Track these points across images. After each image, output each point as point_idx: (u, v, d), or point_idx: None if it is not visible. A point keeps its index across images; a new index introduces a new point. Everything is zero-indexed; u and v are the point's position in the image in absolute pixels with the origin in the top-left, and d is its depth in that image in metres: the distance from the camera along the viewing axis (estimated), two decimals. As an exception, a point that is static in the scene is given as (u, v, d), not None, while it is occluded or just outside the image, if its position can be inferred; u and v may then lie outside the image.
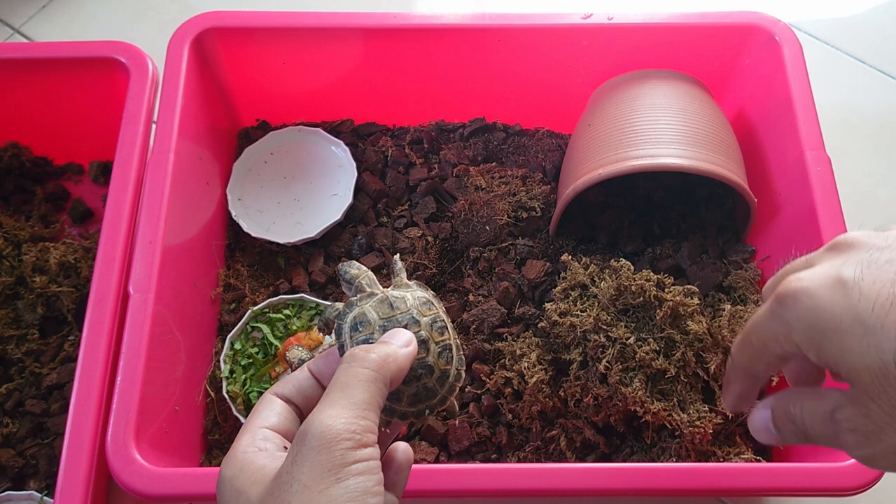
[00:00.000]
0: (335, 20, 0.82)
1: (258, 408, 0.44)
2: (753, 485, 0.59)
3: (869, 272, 0.36)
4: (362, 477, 0.37)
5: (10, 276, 0.79)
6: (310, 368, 0.46)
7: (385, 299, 0.47)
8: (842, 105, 1.01)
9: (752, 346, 0.41)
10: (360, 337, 0.46)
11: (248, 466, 0.40)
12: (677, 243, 0.81)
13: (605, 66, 0.85)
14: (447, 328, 0.48)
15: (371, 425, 0.39)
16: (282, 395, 0.45)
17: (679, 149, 0.73)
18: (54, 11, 1.09)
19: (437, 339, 0.47)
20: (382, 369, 0.41)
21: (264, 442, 0.41)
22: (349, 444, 0.37)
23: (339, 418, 0.38)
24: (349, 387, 0.40)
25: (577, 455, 0.71)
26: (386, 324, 0.46)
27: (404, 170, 0.89)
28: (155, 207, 0.70)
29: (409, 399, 0.46)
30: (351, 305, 0.47)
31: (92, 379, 0.63)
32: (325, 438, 0.37)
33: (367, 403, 0.39)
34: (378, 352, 0.42)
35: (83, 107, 0.85)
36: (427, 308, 0.48)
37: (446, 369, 0.47)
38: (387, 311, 0.46)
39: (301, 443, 0.37)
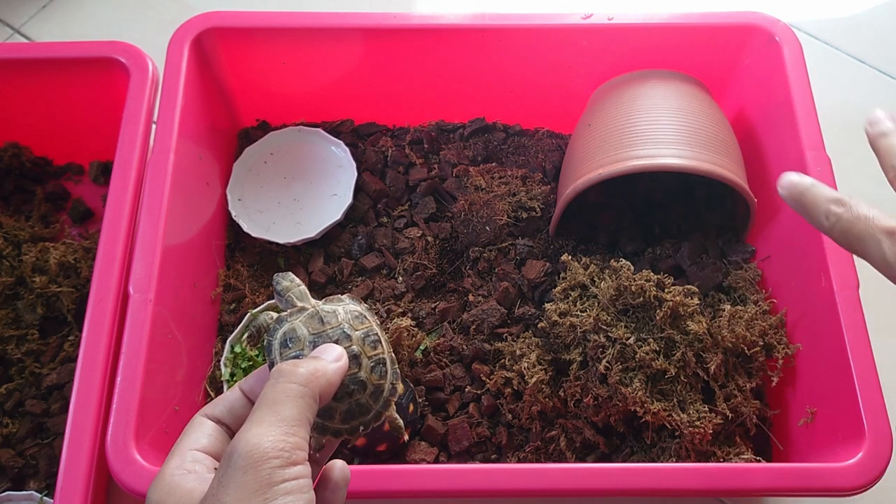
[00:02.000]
0: (335, 20, 0.82)
1: (188, 430, 0.42)
2: (753, 485, 0.59)
3: None
4: (291, 497, 0.36)
5: (10, 276, 0.79)
6: (241, 388, 0.45)
7: (315, 314, 0.46)
8: (842, 105, 1.01)
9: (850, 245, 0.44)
10: (289, 353, 0.44)
11: (175, 490, 0.38)
12: (677, 243, 0.81)
13: (605, 66, 0.85)
14: (381, 342, 0.47)
15: (300, 442, 0.38)
16: (212, 416, 0.43)
17: (679, 149, 0.73)
18: (54, 11, 1.09)
19: (369, 353, 0.46)
20: (311, 384, 0.40)
21: (193, 464, 0.40)
22: (277, 462, 0.36)
23: (266, 436, 0.37)
24: (277, 403, 0.39)
25: (577, 455, 0.71)
26: (316, 339, 0.45)
27: (404, 170, 0.89)
28: (155, 207, 0.70)
29: (341, 416, 0.45)
30: (281, 321, 0.46)
31: (92, 379, 0.63)
32: (252, 458, 0.36)
33: (295, 420, 0.38)
34: (306, 367, 0.41)
35: (83, 107, 0.85)
36: (359, 322, 0.47)
37: (380, 384, 0.46)
38: (317, 327, 0.45)
39: (227, 464, 0.36)
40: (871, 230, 0.40)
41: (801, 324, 0.72)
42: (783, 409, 0.73)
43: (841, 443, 0.63)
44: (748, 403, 0.70)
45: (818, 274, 0.69)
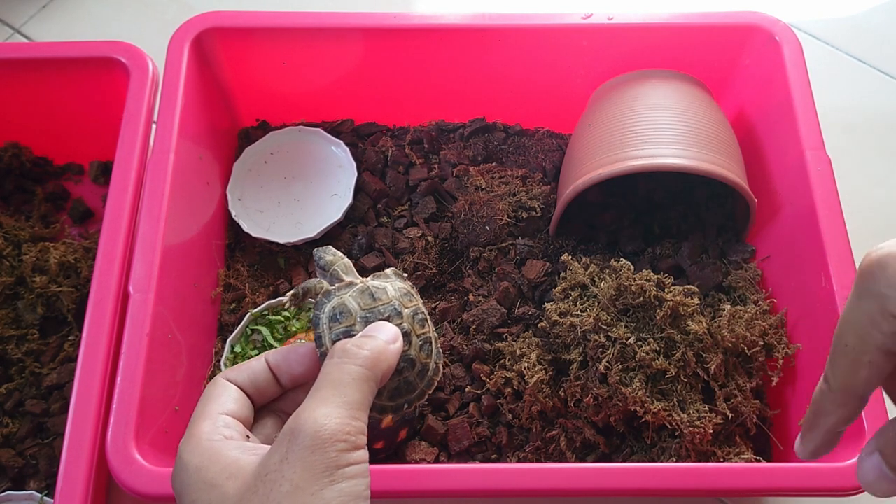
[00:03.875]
0: (335, 20, 0.82)
1: (212, 392, 0.42)
2: (753, 485, 0.59)
3: None
4: (354, 481, 0.36)
5: (10, 276, 0.79)
6: (268, 360, 0.44)
7: (366, 289, 0.45)
8: (842, 105, 1.01)
9: (847, 349, 0.34)
10: (339, 328, 0.44)
11: (218, 457, 0.37)
12: (677, 243, 0.81)
13: (605, 66, 0.85)
14: (427, 320, 0.47)
15: (363, 426, 0.38)
16: (235, 381, 0.42)
17: (679, 149, 0.73)
18: (54, 11, 1.09)
19: (418, 331, 0.45)
20: (375, 368, 0.40)
21: (227, 429, 0.39)
22: (343, 445, 0.36)
23: (332, 418, 0.36)
24: (342, 384, 0.38)
25: (577, 455, 0.71)
26: (368, 315, 0.44)
27: (404, 170, 0.89)
28: (155, 207, 0.70)
29: (389, 393, 0.44)
30: (329, 295, 0.45)
31: (92, 379, 0.63)
32: (320, 438, 0.36)
33: (359, 404, 0.38)
34: (370, 348, 0.40)
35: (83, 107, 0.85)
36: (408, 299, 0.46)
37: (427, 363, 0.46)
38: (368, 302, 0.45)
39: (293, 440, 0.36)
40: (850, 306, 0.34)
41: (801, 324, 0.72)
42: (783, 409, 0.73)
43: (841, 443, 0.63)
44: (748, 403, 0.70)
45: (818, 274, 0.69)
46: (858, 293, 0.34)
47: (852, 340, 0.34)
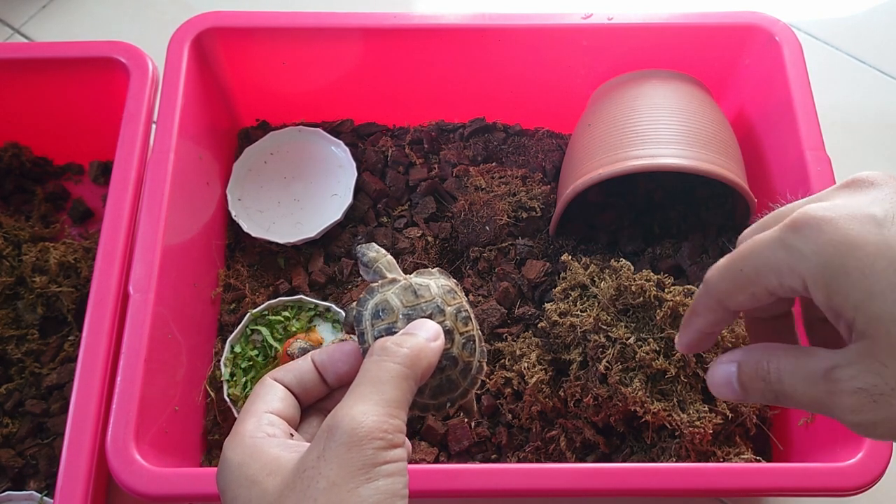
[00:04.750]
0: (335, 20, 0.82)
1: (259, 391, 0.42)
2: (753, 485, 0.59)
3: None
4: (391, 479, 0.36)
5: (10, 276, 0.79)
6: (314, 359, 0.44)
7: (409, 286, 0.45)
8: (842, 105, 1.01)
9: (740, 273, 0.35)
10: (381, 325, 0.44)
11: (260, 454, 0.38)
12: (677, 243, 0.81)
13: (605, 66, 0.85)
14: (471, 318, 0.46)
15: (401, 425, 0.37)
16: (281, 381, 0.43)
17: (679, 149, 0.73)
18: (54, 11, 1.09)
19: (461, 329, 0.45)
20: (415, 366, 0.40)
21: (271, 427, 0.40)
22: (380, 443, 0.36)
23: (370, 415, 0.36)
24: (381, 382, 0.38)
25: (577, 455, 0.71)
26: (410, 312, 0.44)
27: (404, 170, 0.89)
28: (155, 207, 0.70)
29: (431, 391, 0.44)
30: (372, 291, 0.46)
31: (92, 379, 0.63)
32: (357, 435, 0.35)
33: (398, 402, 0.38)
34: (410, 345, 0.40)
35: (83, 107, 0.85)
36: (451, 297, 0.46)
37: (469, 361, 0.45)
38: (411, 299, 0.45)
39: (330, 437, 0.36)
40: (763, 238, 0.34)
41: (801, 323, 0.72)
42: (783, 409, 0.73)
43: (841, 443, 0.63)
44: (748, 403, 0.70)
45: (818, 274, 0.69)
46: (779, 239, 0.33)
47: (749, 270, 0.35)
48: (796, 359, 0.35)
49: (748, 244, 0.35)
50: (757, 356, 0.36)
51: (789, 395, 0.35)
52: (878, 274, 0.31)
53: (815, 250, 0.32)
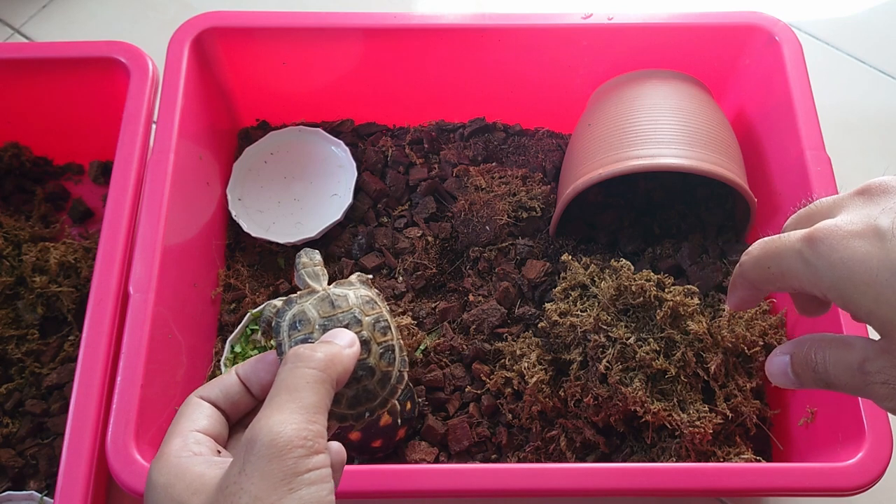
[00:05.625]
0: (335, 20, 0.82)
1: (184, 411, 0.41)
2: (753, 485, 0.59)
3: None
4: (315, 487, 0.35)
5: (10, 276, 0.79)
6: (238, 373, 0.44)
7: (326, 297, 0.46)
8: (842, 105, 1.01)
9: (767, 270, 0.39)
10: (298, 336, 0.44)
11: (184, 474, 0.37)
12: (677, 243, 0.81)
13: (605, 66, 0.85)
14: (390, 328, 0.46)
15: (321, 430, 0.37)
16: (207, 398, 0.42)
17: (679, 149, 0.73)
18: (54, 11, 1.09)
19: (379, 339, 0.45)
20: (329, 370, 0.39)
21: (197, 446, 0.39)
22: (301, 451, 0.35)
23: (289, 424, 0.36)
24: (296, 389, 0.38)
25: (577, 455, 0.71)
26: (326, 323, 0.44)
27: (404, 170, 0.89)
28: (155, 207, 0.70)
29: (348, 401, 0.44)
30: (290, 303, 0.46)
31: (92, 379, 0.63)
32: (276, 446, 0.35)
33: (316, 407, 0.38)
34: (324, 351, 0.40)
35: (83, 107, 0.85)
36: (370, 307, 0.46)
37: (388, 371, 0.45)
38: (328, 310, 0.45)
39: (249, 451, 0.35)
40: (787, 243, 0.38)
41: (801, 324, 0.72)
42: (783, 409, 0.73)
43: (841, 443, 0.63)
44: (748, 403, 0.70)
45: (818, 274, 0.69)
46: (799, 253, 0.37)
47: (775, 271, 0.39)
48: (838, 350, 0.38)
49: (776, 245, 0.39)
50: (806, 348, 0.40)
51: (835, 383, 0.38)
52: (882, 284, 0.34)
53: (828, 266, 0.36)
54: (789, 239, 0.38)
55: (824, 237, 0.36)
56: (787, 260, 0.38)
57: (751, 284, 0.42)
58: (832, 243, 0.36)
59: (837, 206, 0.39)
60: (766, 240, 0.40)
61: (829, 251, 0.36)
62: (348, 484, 0.60)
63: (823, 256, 0.36)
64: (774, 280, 0.39)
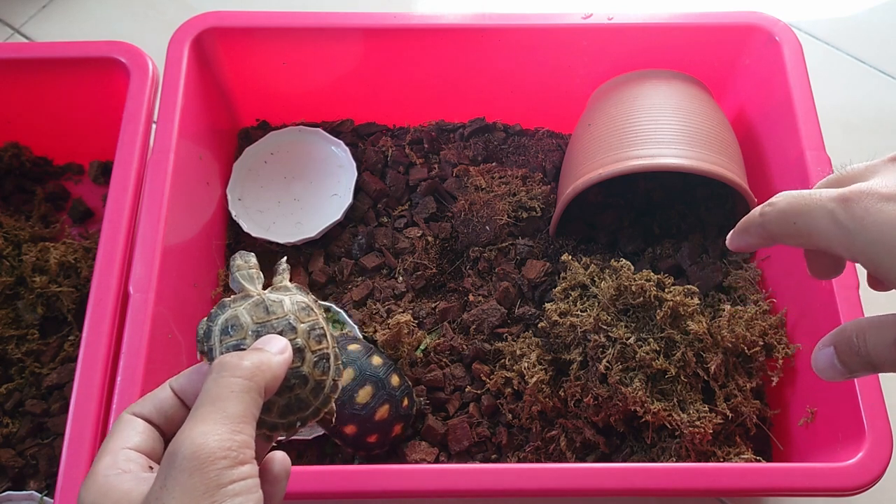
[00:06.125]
0: (335, 20, 0.82)
1: (115, 428, 0.40)
2: (753, 485, 0.59)
3: None
4: (240, 498, 0.34)
5: (10, 276, 0.79)
6: (171, 386, 0.42)
7: (261, 302, 0.44)
8: (842, 105, 1.01)
9: (793, 226, 0.38)
10: (230, 342, 0.42)
11: (111, 492, 0.36)
12: (677, 243, 0.81)
13: (605, 66, 0.85)
14: (326, 336, 0.45)
15: (248, 440, 0.36)
16: (140, 414, 0.41)
17: (679, 149, 0.73)
18: (54, 11, 1.09)
19: (314, 347, 0.44)
20: (256, 378, 0.38)
21: (127, 463, 0.38)
22: (225, 462, 0.34)
23: (212, 435, 0.35)
24: (221, 399, 0.37)
25: (577, 455, 0.71)
26: (260, 329, 0.43)
27: (404, 170, 0.89)
28: (155, 207, 0.70)
29: (279, 410, 0.43)
30: (223, 307, 0.44)
31: (92, 379, 0.63)
32: (198, 459, 0.34)
33: (241, 416, 0.36)
34: (251, 359, 0.39)
35: (83, 107, 0.85)
36: (305, 314, 0.45)
37: (322, 380, 0.44)
38: (261, 316, 0.43)
39: (170, 465, 0.34)
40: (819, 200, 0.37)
41: (801, 324, 0.72)
42: (783, 409, 0.73)
43: (841, 443, 0.63)
44: (748, 403, 0.70)
45: (818, 274, 0.69)
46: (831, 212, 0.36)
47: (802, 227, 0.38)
48: (877, 330, 0.38)
49: (805, 202, 0.38)
50: (847, 334, 0.39)
51: (878, 364, 0.38)
52: None
53: (861, 228, 0.35)
54: (820, 197, 0.37)
55: (859, 198, 0.35)
56: (817, 219, 0.37)
57: (769, 235, 0.40)
58: (867, 205, 0.35)
59: (870, 170, 0.38)
60: (794, 193, 0.39)
61: (863, 213, 0.35)
62: (349, 484, 0.60)
63: (857, 218, 0.35)
64: (798, 236, 0.38)
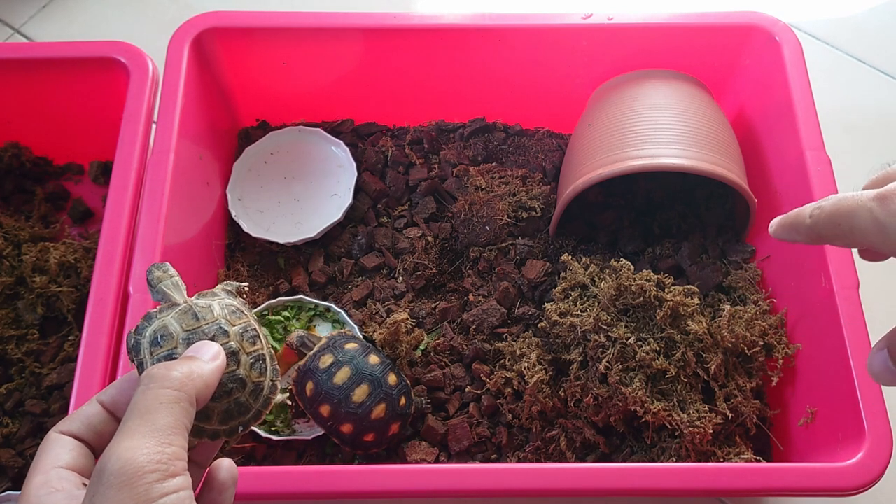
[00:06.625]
0: (335, 20, 0.82)
1: (44, 448, 0.39)
2: (753, 485, 0.59)
3: None
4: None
5: (10, 276, 0.79)
6: (100, 400, 0.41)
7: (189, 310, 0.44)
8: (842, 105, 1.01)
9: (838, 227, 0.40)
10: (161, 353, 0.42)
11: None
12: (677, 243, 0.81)
13: (605, 66, 0.85)
14: (259, 337, 0.44)
15: (179, 451, 0.36)
16: (68, 432, 0.40)
17: (679, 149, 0.73)
18: (54, 11, 1.09)
19: (248, 349, 0.43)
20: (186, 387, 0.38)
21: (60, 482, 0.37)
22: (154, 476, 0.34)
23: (140, 449, 0.34)
24: (149, 411, 0.36)
25: (577, 455, 0.71)
26: (190, 336, 0.42)
27: (404, 170, 0.89)
28: (155, 207, 0.70)
29: (219, 416, 0.42)
30: (150, 318, 0.44)
31: (92, 379, 0.63)
32: (126, 474, 0.33)
33: (171, 428, 0.36)
34: (180, 369, 0.38)
35: (83, 107, 0.85)
36: (236, 317, 0.44)
37: (259, 381, 0.44)
38: (191, 323, 0.43)
39: (98, 481, 0.34)
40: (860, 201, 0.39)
41: (801, 324, 0.73)
42: (783, 409, 0.73)
43: (841, 443, 0.63)
44: (748, 403, 0.70)
45: (818, 274, 0.69)
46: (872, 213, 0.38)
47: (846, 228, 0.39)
48: None
49: (849, 204, 0.39)
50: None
51: None
52: None
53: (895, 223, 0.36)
54: (861, 197, 0.39)
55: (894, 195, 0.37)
56: (859, 218, 0.38)
57: (817, 236, 0.42)
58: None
59: None
60: (839, 196, 0.40)
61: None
62: (349, 484, 0.60)
63: (893, 213, 0.37)
64: (843, 236, 0.40)
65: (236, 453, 0.74)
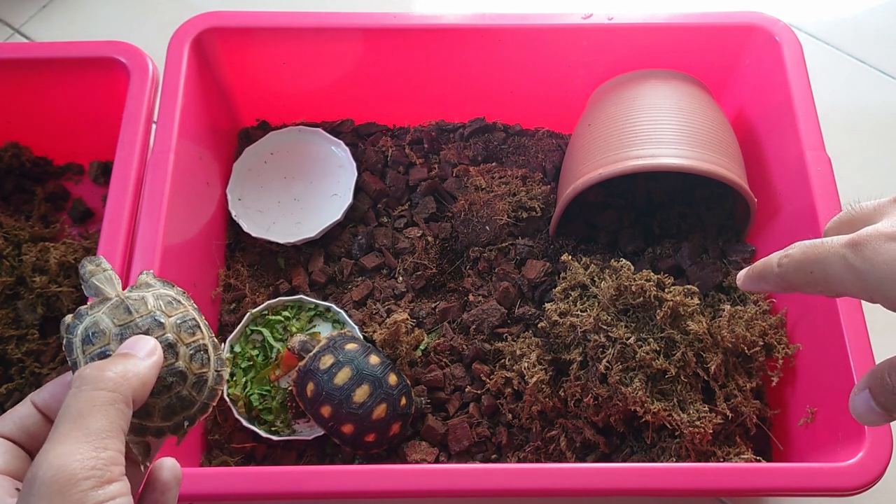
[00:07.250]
0: (335, 20, 0.82)
1: None
2: (753, 485, 0.59)
3: None
4: None
5: (10, 276, 0.79)
6: (33, 401, 0.39)
7: (121, 303, 0.42)
8: (842, 105, 1.01)
9: (810, 275, 0.39)
10: (94, 350, 0.40)
11: None
12: (677, 243, 0.81)
13: (605, 66, 0.85)
14: (199, 327, 0.43)
15: (115, 455, 0.34)
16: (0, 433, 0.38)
17: (679, 149, 0.73)
18: (54, 11, 1.09)
19: (187, 340, 0.42)
20: (121, 388, 0.36)
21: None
22: (89, 483, 0.32)
23: (73, 455, 0.33)
24: (82, 415, 0.34)
25: (577, 455, 0.71)
26: (123, 331, 0.40)
27: (404, 170, 0.89)
28: (155, 207, 0.70)
29: (161, 412, 0.40)
30: (80, 315, 0.42)
31: (92, 379, 0.63)
32: (58, 482, 0.32)
33: (106, 431, 0.34)
34: (114, 369, 0.36)
35: (83, 107, 0.85)
36: (173, 308, 0.42)
37: (202, 373, 0.42)
38: (123, 317, 0.41)
39: (29, 491, 0.32)
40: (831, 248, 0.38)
41: (801, 324, 0.73)
42: (783, 409, 0.73)
43: (841, 443, 0.63)
44: (748, 403, 0.70)
45: (818, 274, 0.69)
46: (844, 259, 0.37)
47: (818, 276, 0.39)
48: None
49: (818, 251, 0.39)
50: (880, 375, 0.39)
51: None
52: None
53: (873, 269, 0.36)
54: (832, 244, 0.38)
55: (868, 241, 0.37)
56: (832, 265, 0.38)
57: (787, 284, 0.41)
58: (876, 247, 0.36)
59: (878, 212, 0.39)
60: (808, 243, 0.40)
61: (873, 254, 0.36)
62: (349, 484, 0.60)
63: (868, 260, 0.36)
64: (816, 284, 0.39)
65: (236, 453, 0.74)
